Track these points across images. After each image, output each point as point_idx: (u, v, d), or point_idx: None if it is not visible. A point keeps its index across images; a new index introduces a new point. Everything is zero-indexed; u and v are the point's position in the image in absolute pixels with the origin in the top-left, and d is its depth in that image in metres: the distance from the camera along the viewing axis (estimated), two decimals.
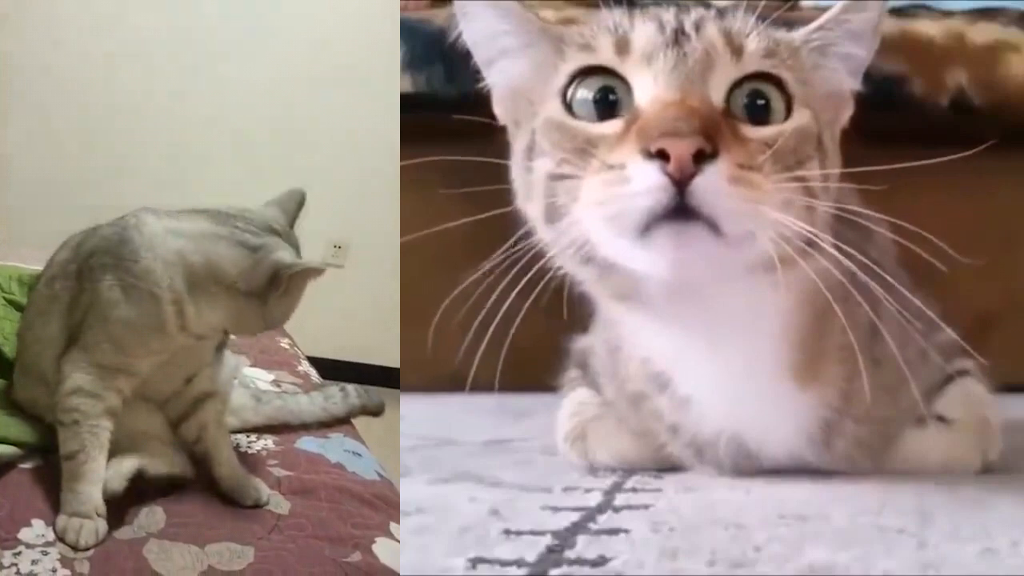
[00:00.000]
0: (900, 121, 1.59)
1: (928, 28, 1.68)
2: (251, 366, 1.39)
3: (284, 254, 0.90)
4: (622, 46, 0.80)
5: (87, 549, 0.82)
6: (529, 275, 0.78)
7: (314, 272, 0.91)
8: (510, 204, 0.85)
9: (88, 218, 0.97)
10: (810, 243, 0.75)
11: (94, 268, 0.89)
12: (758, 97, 0.78)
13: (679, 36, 0.79)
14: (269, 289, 0.88)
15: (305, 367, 1.49)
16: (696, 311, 0.81)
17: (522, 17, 0.86)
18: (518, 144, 0.85)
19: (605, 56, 0.80)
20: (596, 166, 0.76)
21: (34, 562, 0.79)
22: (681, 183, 0.71)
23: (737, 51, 0.78)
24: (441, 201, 1.54)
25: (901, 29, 1.67)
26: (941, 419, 0.93)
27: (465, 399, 1.44)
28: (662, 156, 0.71)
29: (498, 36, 0.86)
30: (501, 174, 0.86)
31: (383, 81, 2.34)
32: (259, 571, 0.85)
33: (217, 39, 2.36)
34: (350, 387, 1.27)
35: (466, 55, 0.87)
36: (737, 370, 0.84)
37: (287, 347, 1.58)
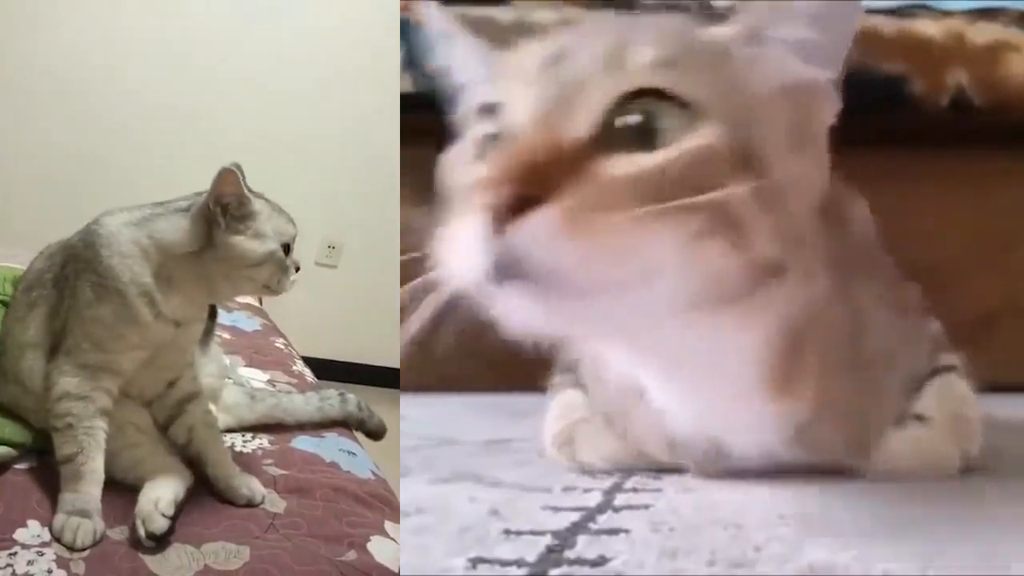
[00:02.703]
0: (900, 121, 1.59)
1: (928, 28, 1.68)
2: (246, 366, 1.38)
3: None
4: (504, 74, 0.72)
5: (83, 549, 0.82)
6: None
7: (230, 179, 0.86)
8: None
9: (83, 219, 0.97)
10: (775, 267, 0.68)
11: (69, 276, 0.91)
12: (638, 119, 0.67)
13: (560, 54, 0.70)
14: (213, 232, 0.87)
15: (300, 367, 1.48)
16: (652, 340, 0.75)
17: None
18: None
19: (494, 86, 0.73)
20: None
21: (30, 563, 0.79)
22: (500, 237, 0.63)
23: (618, 64, 0.68)
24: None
25: (901, 29, 1.67)
26: (919, 417, 0.91)
27: (465, 399, 1.44)
28: (487, 209, 0.64)
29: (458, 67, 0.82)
30: None
31: (383, 81, 2.34)
32: (255, 570, 0.85)
33: (215, 39, 2.35)
34: (351, 396, 1.27)
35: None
36: (707, 388, 0.81)
37: (282, 347, 1.58)
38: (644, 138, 0.66)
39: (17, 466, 0.92)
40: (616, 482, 0.89)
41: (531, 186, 0.63)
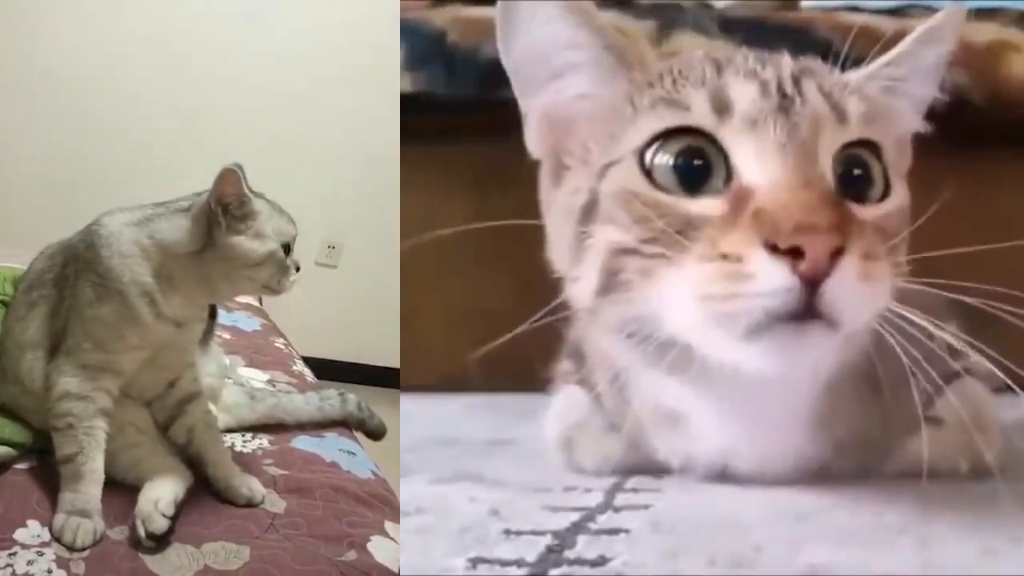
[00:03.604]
0: None
1: None
2: (246, 366, 1.38)
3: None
4: (720, 107, 0.70)
5: (83, 549, 0.82)
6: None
7: (231, 180, 0.85)
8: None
9: (83, 219, 0.97)
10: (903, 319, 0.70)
11: (69, 276, 0.91)
12: (857, 169, 0.70)
13: (783, 99, 0.69)
14: (214, 232, 0.87)
15: (300, 367, 1.48)
16: (740, 385, 0.74)
17: (600, 31, 0.74)
18: (567, 196, 0.75)
19: (699, 116, 0.70)
20: (700, 252, 0.67)
21: (30, 563, 0.79)
22: (813, 285, 0.63)
23: (842, 116, 0.69)
24: (442, 201, 1.55)
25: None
26: (934, 420, 0.90)
27: (465, 399, 1.44)
28: (794, 254, 0.63)
29: (560, 51, 0.75)
30: (502, 173, 0.85)
31: (383, 81, 2.33)
32: (255, 570, 0.85)
33: (215, 39, 2.35)
34: (352, 396, 1.27)
35: (466, 56, 0.84)
36: (753, 423, 0.81)
37: (282, 347, 1.58)
38: (852, 187, 0.70)
39: (17, 466, 0.92)
40: (616, 482, 0.89)
41: (841, 234, 0.64)
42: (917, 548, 0.66)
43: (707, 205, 0.69)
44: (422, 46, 1.63)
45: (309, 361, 1.57)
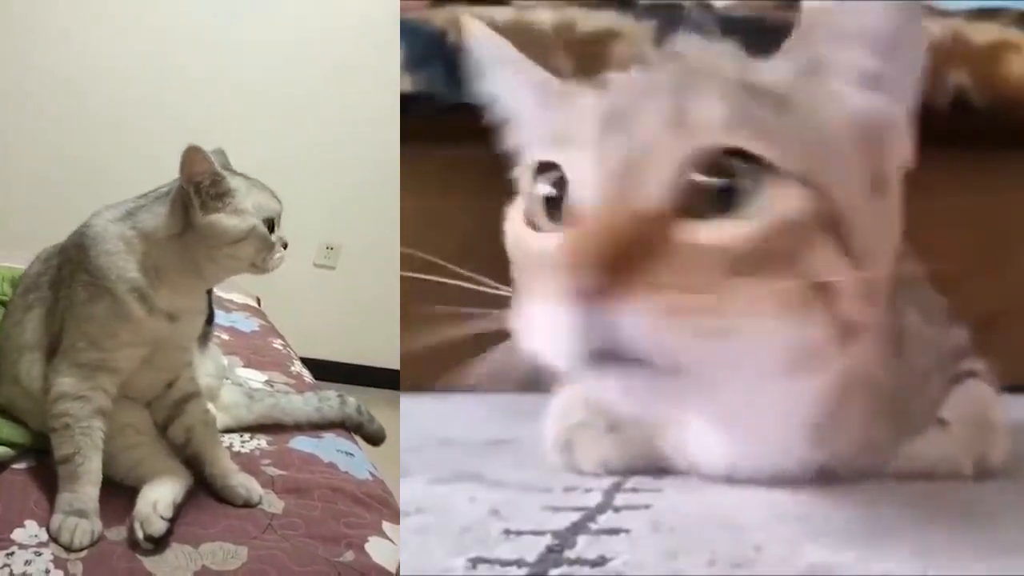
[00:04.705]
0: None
1: (928, 28, 1.67)
2: (244, 367, 1.38)
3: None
4: (561, 133, 0.68)
5: (81, 550, 0.82)
6: None
7: (196, 158, 0.85)
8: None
9: (82, 220, 0.96)
10: (858, 328, 0.66)
11: (64, 278, 0.91)
12: (719, 182, 0.62)
13: (619, 112, 0.65)
14: (191, 214, 0.86)
15: (298, 368, 1.48)
16: (706, 402, 0.73)
17: (528, 74, 0.76)
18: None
19: (551, 147, 0.69)
20: (536, 289, 0.66)
21: (27, 563, 0.79)
22: (604, 329, 0.60)
23: (683, 122, 0.63)
24: (442, 201, 1.55)
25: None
26: (940, 422, 0.91)
27: (465, 399, 1.43)
28: (575, 296, 0.60)
29: (502, 97, 0.78)
30: (502, 174, 0.85)
31: (382, 81, 2.33)
32: (253, 571, 0.84)
33: (214, 38, 2.35)
34: (351, 399, 1.26)
35: (466, 56, 0.85)
36: (752, 431, 0.81)
37: (280, 348, 1.57)
38: (718, 199, 0.63)
39: (15, 466, 0.92)
40: (616, 482, 0.89)
41: (622, 268, 0.59)
42: (917, 548, 0.66)
43: (546, 240, 0.68)
44: (422, 46, 1.62)
45: (307, 362, 1.56)
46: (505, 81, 0.78)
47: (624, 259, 0.60)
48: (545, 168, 0.70)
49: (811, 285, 0.63)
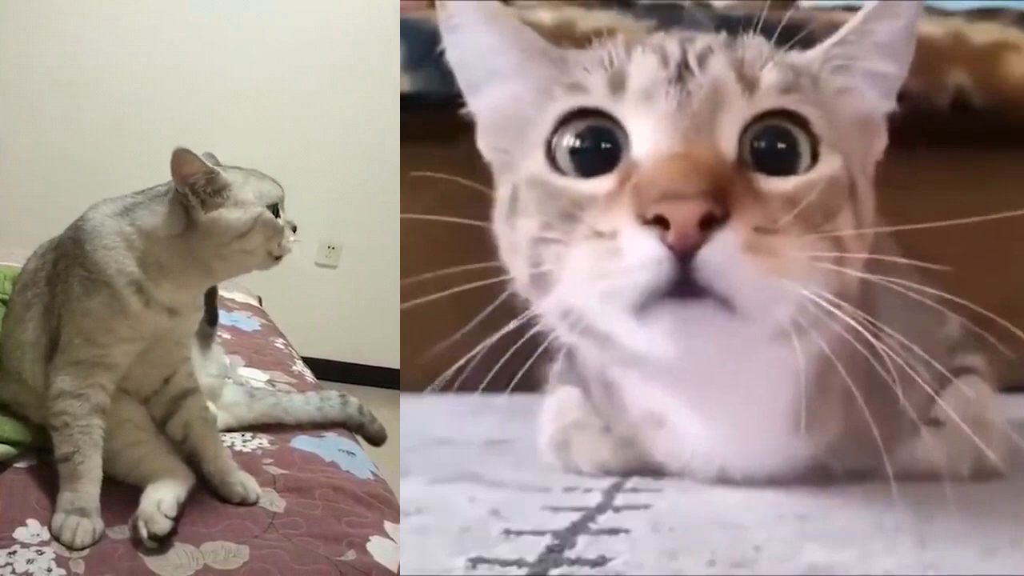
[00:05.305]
0: (899, 121, 1.58)
1: (928, 28, 1.67)
2: (246, 366, 1.38)
3: None
4: (616, 83, 0.70)
5: (82, 548, 0.82)
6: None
7: (184, 160, 0.84)
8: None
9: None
10: (836, 306, 0.68)
11: (60, 273, 0.91)
12: (778, 141, 0.68)
13: (683, 70, 0.68)
14: (191, 213, 0.86)
15: (300, 367, 1.48)
16: (700, 377, 0.75)
17: (520, 34, 0.76)
18: (501, 190, 0.77)
19: (597, 96, 0.70)
20: (583, 232, 0.67)
21: (29, 561, 0.79)
22: (684, 255, 0.62)
23: (750, 85, 0.68)
24: (442, 201, 1.55)
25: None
26: (935, 422, 0.90)
27: (465, 399, 1.43)
28: (661, 223, 0.62)
29: (488, 55, 0.77)
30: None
31: (382, 81, 2.33)
32: (254, 570, 0.84)
33: (214, 39, 2.35)
34: (353, 400, 1.26)
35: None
36: (737, 424, 0.81)
37: (282, 347, 1.58)
38: (773, 161, 0.68)
39: (17, 465, 0.92)
40: (616, 482, 0.89)
41: (718, 201, 0.62)
42: (917, 548, 0.66)
43: (597, 184, 0.68)
44: (422, 46, 1.62)
45: (309, 361, 1.57)
46: (489, 36, 0.77)
47: (721, 194, 0.63)
48: (575, 118, 0.71)
49: (835, 240, 0.68)
